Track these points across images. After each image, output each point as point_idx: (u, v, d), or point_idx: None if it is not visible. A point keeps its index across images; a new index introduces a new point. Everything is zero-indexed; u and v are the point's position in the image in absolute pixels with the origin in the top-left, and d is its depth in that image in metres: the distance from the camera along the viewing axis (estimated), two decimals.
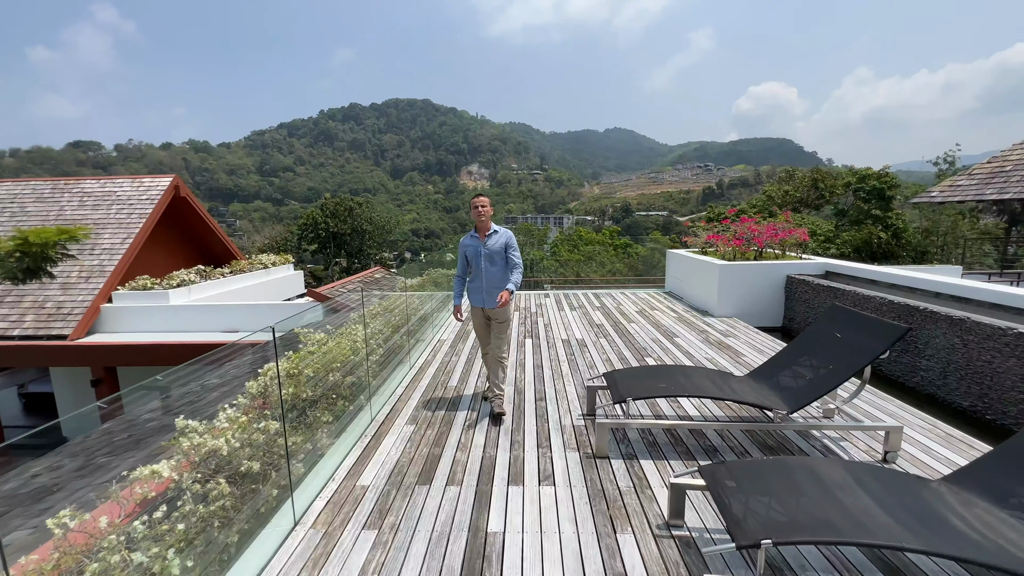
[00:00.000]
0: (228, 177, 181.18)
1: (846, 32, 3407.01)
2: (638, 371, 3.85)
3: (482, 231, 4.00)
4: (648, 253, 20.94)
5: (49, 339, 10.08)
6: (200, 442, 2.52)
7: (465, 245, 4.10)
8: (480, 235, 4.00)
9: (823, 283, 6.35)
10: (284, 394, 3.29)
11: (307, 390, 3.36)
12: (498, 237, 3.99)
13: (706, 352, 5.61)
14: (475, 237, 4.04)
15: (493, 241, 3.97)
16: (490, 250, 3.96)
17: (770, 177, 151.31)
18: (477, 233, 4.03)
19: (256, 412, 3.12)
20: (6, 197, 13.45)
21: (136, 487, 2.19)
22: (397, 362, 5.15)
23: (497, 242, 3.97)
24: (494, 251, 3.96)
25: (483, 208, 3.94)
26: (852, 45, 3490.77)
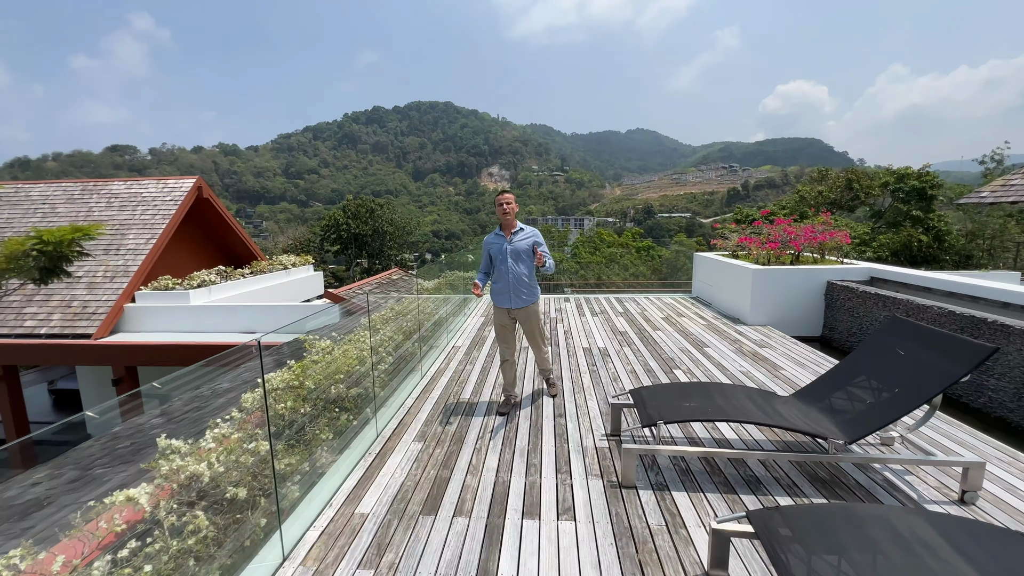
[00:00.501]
0: (255, 179, 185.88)
1: (880, 28, 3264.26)
2: (668, 388, 3.47)
3: (508, 229, 3.93)
4: (672, 256, 20.28)
5: (74, 338, 10.20)
6: (181, 465, 2.27)
7: (489, 243, 4.01)
8: (506, 233, 3.93)
9: (870, 290, 5.82)
10: (282, 408, 3.04)
11: (306, 406, 3.10)
12: (525, 235, 3.94)
13: (740, 364, 5.17)
14: (500, 235, 3.97)
15: (520, 239, 3.91)
16: (516, 248, 3.88)
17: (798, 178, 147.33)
18: (502, 231, 3.96)
19: (248, 430, 2.88)
20: (38, 198, 13.78)
21: (103, 520, 1.94)
22: (408, 371, 4.88)
23: (524, 240, 3.91)
24: (521, 249, 3.88)
25: (508, 205, 3.85)
26: (887, 41, 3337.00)
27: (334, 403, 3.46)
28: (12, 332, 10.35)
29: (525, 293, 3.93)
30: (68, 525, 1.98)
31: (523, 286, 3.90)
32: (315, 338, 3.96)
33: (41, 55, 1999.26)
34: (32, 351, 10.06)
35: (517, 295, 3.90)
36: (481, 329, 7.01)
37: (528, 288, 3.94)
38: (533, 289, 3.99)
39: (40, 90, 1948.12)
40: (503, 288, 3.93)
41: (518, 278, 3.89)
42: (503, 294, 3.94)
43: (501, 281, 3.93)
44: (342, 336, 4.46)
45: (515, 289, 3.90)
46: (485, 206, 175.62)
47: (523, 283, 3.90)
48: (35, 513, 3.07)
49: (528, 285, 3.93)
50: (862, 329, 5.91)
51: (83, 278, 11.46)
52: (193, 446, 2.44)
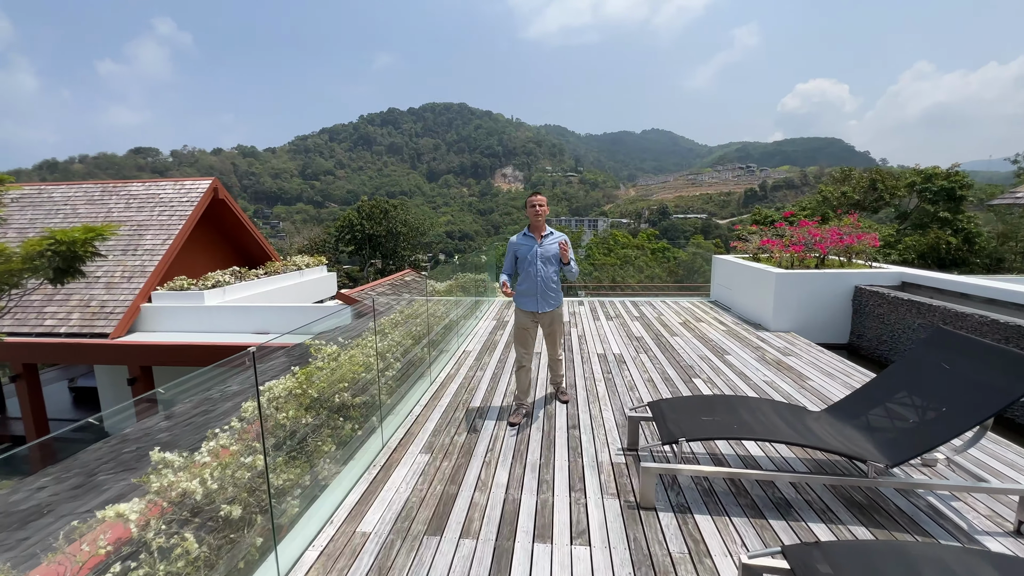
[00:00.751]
0: (273, 180, 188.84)
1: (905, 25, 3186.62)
2: (690, 402, 3.26)
3: (538, 231, 3.88)
4: (689, 258, 19.84)
5: (92, 337, 10.32)
6: (173, 481, 2.15)
7: (517, 244, 3.93)
8: (535, 235, 3.87)
9: (902, 296, 5.52)
10: (283, 418, 2.91)
11: (309, 415, 2.97)
12: (554, 238, 3.89)
13: (763, 373, 4.93)
14: (530, 236, 3.90)
15: (549, 242, 3.86)
16: (546, 250, 3.84)
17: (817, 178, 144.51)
18: (532, 232, 3.89)
19: (248, 441, 2.75)
20: (60, 199, 14.02)
21: (85, 542, 1.82)
22: (416, 376, 4.74)
23: (554, 243, 3.87)
24: (551, 253, 3.84)
25: (540, 207, 3.80)
26: (912, 38, 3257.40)
27: (338, 412, 3.33)
28: (33, 331, 10.50)
29: (553, 297, 3.89)
30: (54, 544, 1.87)
31: (551, 290, 3.87)
32: (321, 343, 3.84)
33: (69, 60, 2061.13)
34: (50, 350, 10.20)
35: (545, 299, 3.86)
36: (493, 333, 6.85)
37: (556, 292, 3.90)
38: (560, 293, 3.96)
39: (68, 94, 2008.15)
40: (530, 291, 3.87)
41: (546, 282, 3.84)
42: (529, 297, 3.88)
43: (528, 283, 3.88)
44: (349, 341, 4.34)
45: (543, 293, 3.85)
46: (499, 207, 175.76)
47: (551, 287, 3.86)
48: (33, 522, 2.99)
49: (555, 289, 3.90)
50: (893, 337, 5.60)
51: (101, 278, 11.61)
52: (187, 459, 2.32)
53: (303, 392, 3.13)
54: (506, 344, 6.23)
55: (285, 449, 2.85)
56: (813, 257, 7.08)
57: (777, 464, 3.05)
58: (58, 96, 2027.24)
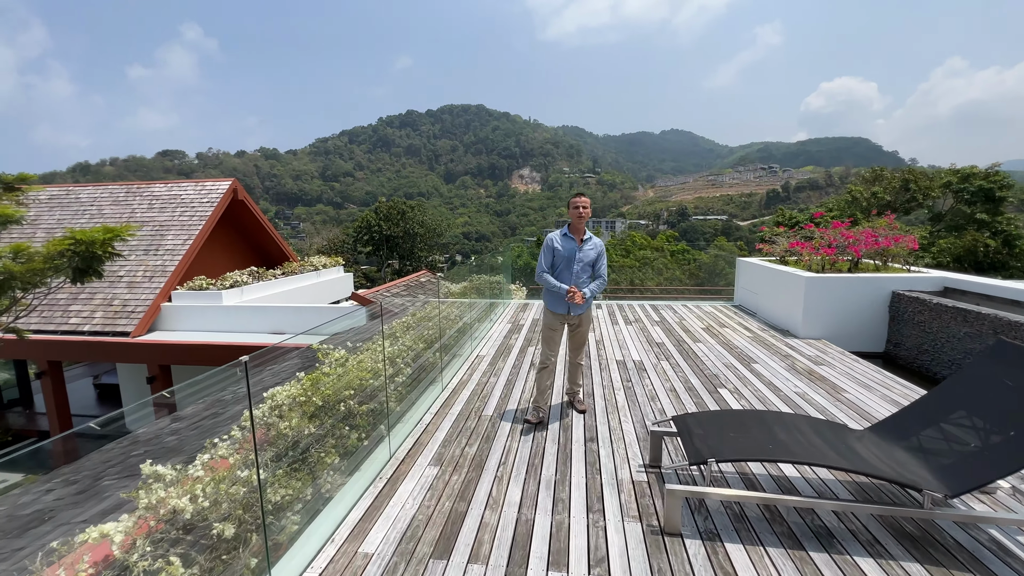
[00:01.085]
0: (294, 182, 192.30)
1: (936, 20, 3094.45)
2: (719, 417, 3.02)
3: (579, 233, 3.82)
4: (711, 260, 19.30)
5: (114, 335, 10.47)
6: (162, 498, 2.01)
7: (559, 243, 3.83)
8: (575, 236, 3.81)
9: (946, 303, 5.14)
10: (285, 427, 2.77)
11: (311, 425, 2.82)
12: (593, 245, 3.84)
13: (794, 384, 4.63)
14: (570, 238, 3.82)
15: (589, 247, 3.82)
16: (585, 257, 3.79)
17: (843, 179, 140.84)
18: (572, 233, 3.82)
19: (246, 453, 2.62)
20: (87, 200, 14.33)
21: (62, 568, 1.69)
22: (427, 382, 4.58)
23: (592, 249, 3.82)
24: (589, 258, 3.80)
25: (585, 210, 3.74)
26: (943, 34, 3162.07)
27: (344, 420, 3.18)
28: (58, 328, 10.71)
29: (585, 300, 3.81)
30: (30, 568, 1.75)
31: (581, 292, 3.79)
32: (329, 347, 3.70)
33: (101, 66, 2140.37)
34: (73, 347, 10.38)
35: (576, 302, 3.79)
36: (507, 337, 6.67)
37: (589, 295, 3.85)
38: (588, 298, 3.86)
39: (100, 99, 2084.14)
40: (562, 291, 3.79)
41: (580, 285, 3.78)
42: (561, 298, 3.79)
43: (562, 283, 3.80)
44: (359, 344, 4.21)
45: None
46: (516, 208, 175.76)
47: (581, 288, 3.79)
48: (33, 529, 2.92)
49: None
50: (936, 347, 5.23)
51: (124, 277, 11.80)
52: (180, 472, 2.19)
53: (307, 399, 2.99)
54: (521, 349, 6.04)
55: (287, 460, 2.71)
56: (846, 260, 6.71)
57: (817, 489, 2.78)
58: (91, 101, 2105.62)
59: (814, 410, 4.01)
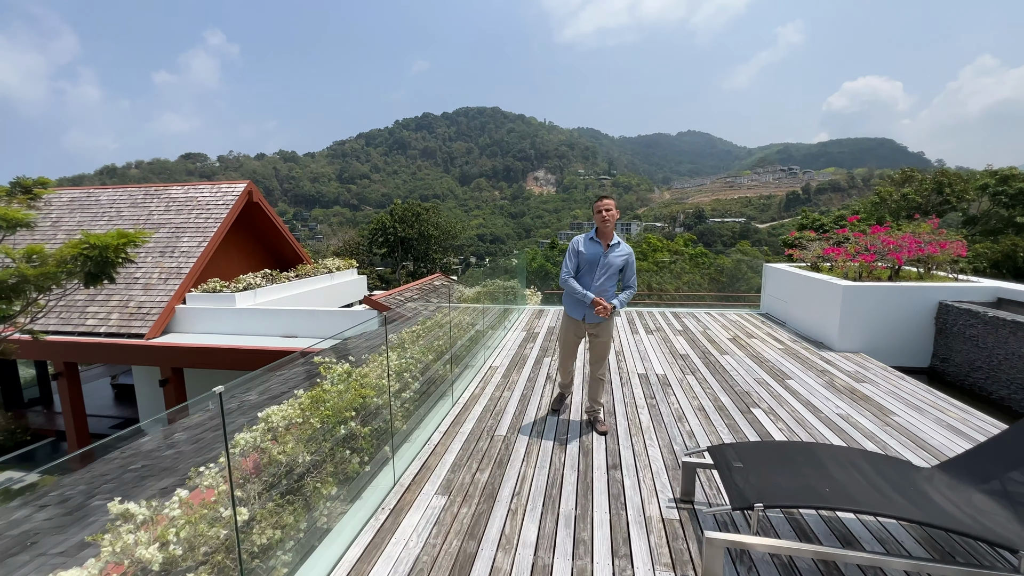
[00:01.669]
0: (311, 184, 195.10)
1: (966, 17, 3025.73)
2: (761, 450, 2.68)
3: (606, 238, 3.59)
4: (733, 265, 18.73)
5: (129, 337, 10.47)
6: (127, 545, 1.76)
7: (584, 248, 3.63)
8: (602, 241, 3.59)
9: (1003, 316, 4.69)
10: (278, 453, 2.52)
11: (307, 453, 2.56)
12: (620, 251, 3.59)
13: (835, 404, 4.24)
14: (597, 243, 3.60)
15: (616, 253, 3.58)
16: (611, 261, 3.56)
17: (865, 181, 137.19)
18: (598, 238, 3.60)
19: (237, 480, 2.37)
20: (106, 202, 14.48)
21: None
22: (437, 397, 4.31)
23: (619, 256, 3.58)
24: (615, 264, 3.56)
25: (608, 212, 3.50)
26: (973, 31, 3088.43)
27: (345, 442, 2.92)
28: (75, 330, 10.76)
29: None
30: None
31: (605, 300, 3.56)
32: (332, 361, 3.45)
33: (128, 72, 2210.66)
34: (87, 349, 10.40)
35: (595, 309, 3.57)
36: (523, 346, 6.37)
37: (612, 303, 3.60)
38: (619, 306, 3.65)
39: (127, 104, 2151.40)
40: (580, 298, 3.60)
41: (601, 292, 3.57)
42: (581, 304, 3.61)
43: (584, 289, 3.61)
44: (363, 357, 3.96)
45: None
46: (530, 210, 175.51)
47: (606, 297, 3.57)
48: (13, 557, 2.72)
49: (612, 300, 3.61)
50: (992, 364, 4.78)
51: (140, 279, 11.83)
52: (155, 510, 1.94)
53: (305, 421, 2.74)
54: (536, 359, 5.74)
55: (279, 490, 2.46)
56: (885, 268, 6.26)
57: (882, 540, 2.41)
58: (118, 105, 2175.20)
59: (860, 435, 3.63)
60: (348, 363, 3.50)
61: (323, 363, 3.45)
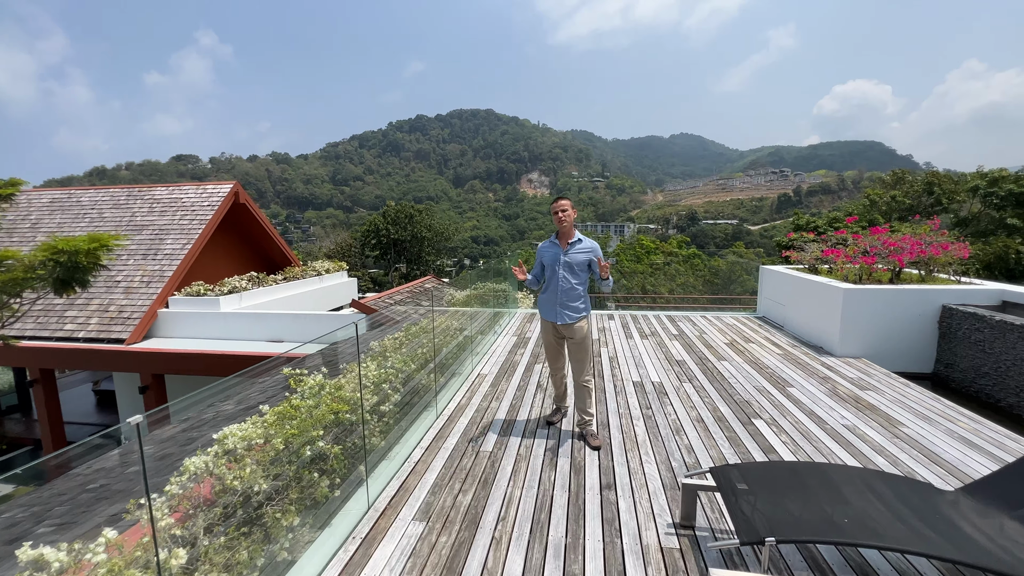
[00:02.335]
0: (305, 186, 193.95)
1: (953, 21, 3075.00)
2: (769, 472, 2.46)
3: (564, 238, 3.61)
4: (728, 267, 18.61)
5: (109, 342, 10.11)
6: None
7: (544, 251, 3.72)
8: (561, 242, 3.62)
9: (1012, 320, 4.51)
10: (233, 480, 2.26)
11: (266, 478, 2.30)
12: (582, 246, 3.58)
13: (839, 414, 4.03)
14: (556, 244, 3.65)
15: (577, 250, 3.57)
16: (572, 260, 3.55)
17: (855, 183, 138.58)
18: (558, 239, 3.65)
19: (186, 510, 2.11)
20: (88, 204, 14.10)
21: None
22: (420, 408, 4.05)
23: (581, 252, 3.57)
24: (576, 262, 3.55)
25: (564, 213, 3.55)
26: (961, 35, 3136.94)
27: (313, 464, 2.66)
28: (53, 335, 10.39)
29: (572, 309, 3.56)
30: None
31: (572, 299, 3.55)
32: (303, 372, 3.19)
33: (119, 72, 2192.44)
34: (62, 355, 10.02)
35: (564, 308, 3.55)
36: (513, 352, 6.13)
37: (577, 304, 3.58)
38: (581, 306, 3.60)
39: (118, 105, 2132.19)
40: (550, 299, 3.63)
41: (567, 291, 3.55)
42: (549, 306, 3.64)
43: (549, 292, 3.64)
44: (339, 368, 3.70)
45: (562, 303, 3.55)
46: (524, 212, 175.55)
47: (572, 297, 3.55)
48: None
49: (577, 300, 3.58)
50: (999, 370, 4.60)
51: (121, 282, 11.48)
52: (78, 553, 1.68)
53: (267, 441, 2.48)
54: (527, 367, 5.49)
55: (236, 521, 2.20)
56: (886, 270, 6.09)
57: (903, 572, 2.19)
58: (109, 107, 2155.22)
59: (869, 448, 3.42)
60: (322, 374, 3.24)
61: (293, 375, 3.19)
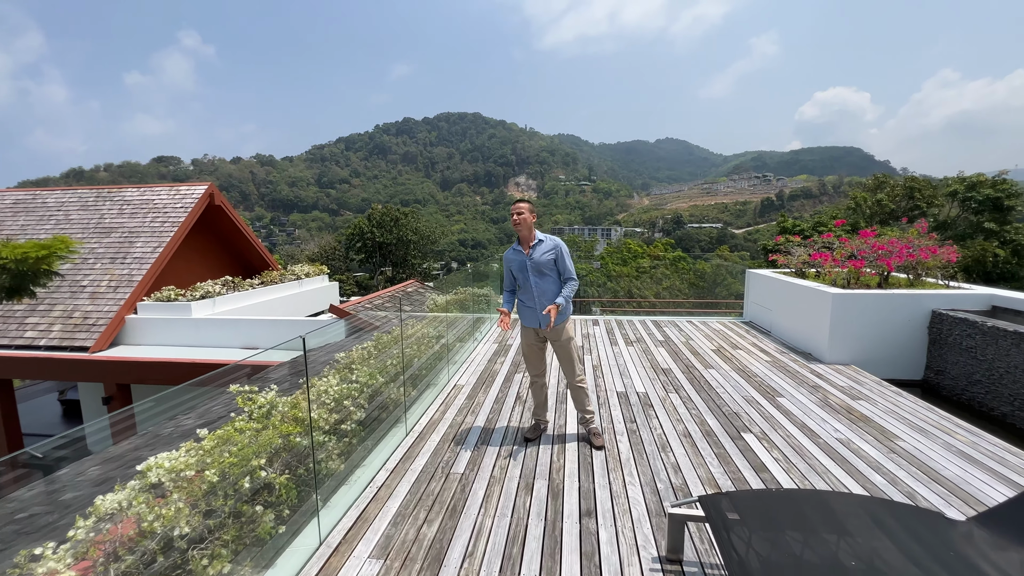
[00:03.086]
0: (290, 189, 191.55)
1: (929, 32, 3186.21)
2: (764, 501, 2.22)
3: (525, 242, 3.49)
4: (712, 271, 18.59)
5: (72, 350, 9.61)
6: None
7: (509, 259, 3.59)
8: (524, 247, 3.48)
9: (1004, 326, 4.38)
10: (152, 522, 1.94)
11: (184, 523, 1.99)
12: (544, 247, 3.45)
13: (832, 427, 3.83)
14: (518, 250, 3.51)
15: (539, 252, 3.43)
16: (537, 262, 3.42)
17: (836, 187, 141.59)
18: (520, 245, 3.51)
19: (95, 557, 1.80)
20: (54, 205, 13.53)
21: None
22: (389, 425, 3.76)
23: (545, 252, 3.43)
24: (542, 262, 3.42)
25: (518, 216, 3.42)
26: (936, 45, 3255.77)
27: (255, 496, 2.35)
28: (12, 343, 9.84)
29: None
30: None
31: (550, 302, 3.39)
32: (253, 390, 2.88)
33: (98, 72, 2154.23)
34: (19, 364, 9.48)
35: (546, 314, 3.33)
36: (492, 360, 5.85)
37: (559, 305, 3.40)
38: (565, 307, 3.43)
39: (96, 105, 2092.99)
40: (529, 306, 3.52)
41: (544, 295, 3.43)
42: (530, 313, 3.51)
43: (527, 296, 3.50)
44: (300, 382, 3.40)
45: (542, 306, 3.42)
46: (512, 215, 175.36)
47: (550, 299, 3.41)
48: None
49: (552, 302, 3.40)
50: (992, 378, 4.46)
51: (87, 287, 10.97)
52: None
53: (197, 473, 2.17)
54: (506, 377, 5.22)
55: (153, 572, 1.88)
56: (875, 274, 5.96)
57: None
58: (87, 107, 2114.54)
59: (865, 465, 3.21)
60: (274, 391, 2.93)
61: (241, 392, 2.88)
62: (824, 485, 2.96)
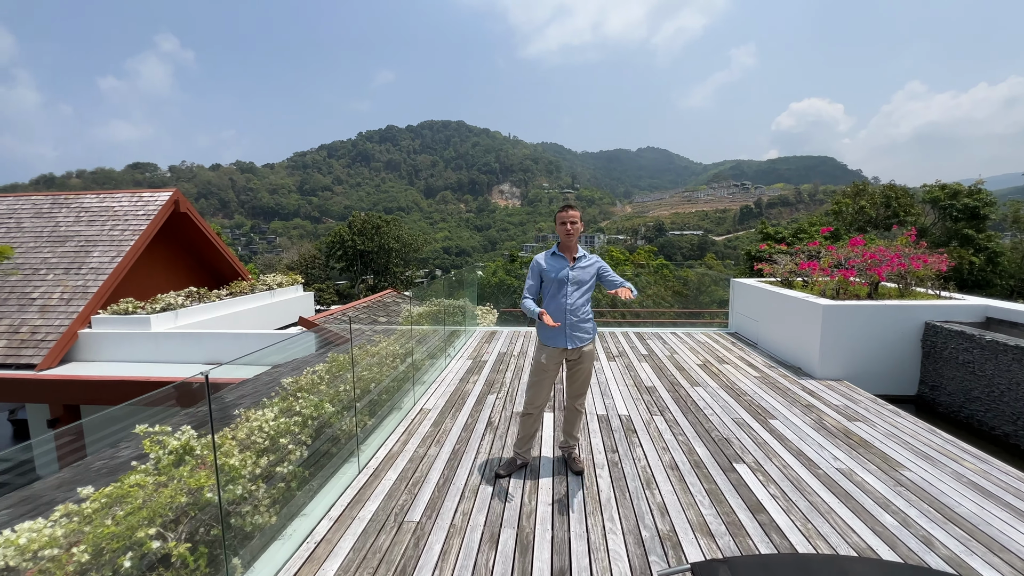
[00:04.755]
0: (270, 196, 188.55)
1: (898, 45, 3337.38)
2: (770, 569, 1.85)
3: (570, 251, 3.20)
4: (696, 279, 18.46)
5: (18, 368, 8.88)
6: None
7: (546, 265, 3.22)
8: (567, 255, 3.19)
9: (1004, 340, 4.13)
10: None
11: None
12: (587, 262, 3.22)
13: (832, 455, 3.50)
14: (560, 257, 3.20)
15: (583, 266, 3.19)
16: (580, 276, 3.17)
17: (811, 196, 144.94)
18: (562, 252, 3.21)
19: None
20: (5, 212, 12.71)
21: None
22: (339, 462, 3.30)
23: (587, 268, 3.20)
24: (585, 279, 3.18)
25: (573, 225, 3.12)
26: (905, 59, 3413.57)
27: (150, 573, 1.90)
28: None
29: (583, 331, 3.18)
30: None
31: (583, 320, 3.18)
32: (166, 431, 2.42)
33: (71, 76, 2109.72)
34: None
35: (575, 330, 3.14)
36: (465, 379, 5.42)
37: (589, 323, 3.22)
38: (594, 325, 3.27)
39: (68, 110, 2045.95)
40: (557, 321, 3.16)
41: (577, 311, 3.14)
42: (557, 330, 3.15)
43: (555, 313, 3.14)
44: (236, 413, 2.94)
45: (574, 325, 3.14)
46: (496, 223, 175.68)
47: (583, 317, 3.18)
48: None
49: (589, 320, 3.22)
50: (992, 395, 4.20)
51: (37, 300, 10.23)
52: None
53: (66, 549, 1.71)
54: (478, 399, 4.80)
55: None
56: (864, 284, 5.72)
57: None
58: (59, 111, 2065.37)
59: (871, 501, 2.88)
60: (190, 434, 2.47)
61: (152, 435, 2.42)
62: (830, 528, 2.61)
